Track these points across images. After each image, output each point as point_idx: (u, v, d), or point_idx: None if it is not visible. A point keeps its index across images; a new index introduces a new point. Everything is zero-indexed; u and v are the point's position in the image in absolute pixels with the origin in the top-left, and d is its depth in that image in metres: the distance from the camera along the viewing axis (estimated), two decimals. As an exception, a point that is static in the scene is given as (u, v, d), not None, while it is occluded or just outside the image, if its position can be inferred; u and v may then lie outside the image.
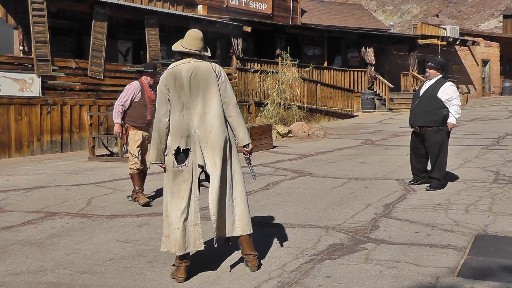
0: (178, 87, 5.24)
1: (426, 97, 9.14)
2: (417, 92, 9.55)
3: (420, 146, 9.31)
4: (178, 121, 5.24)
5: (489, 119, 21.58)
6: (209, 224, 5.70)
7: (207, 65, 5.36)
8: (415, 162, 9.46)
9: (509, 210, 7.41)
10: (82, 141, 17.83)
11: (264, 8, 30.63)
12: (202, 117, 5.24)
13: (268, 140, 15.55)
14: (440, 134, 9.04)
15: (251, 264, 5.42)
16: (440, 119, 9.01)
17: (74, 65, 18.28)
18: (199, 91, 5.24)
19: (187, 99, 5.23)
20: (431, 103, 9.03)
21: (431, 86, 9.19)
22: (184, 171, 5.26)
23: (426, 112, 9.03)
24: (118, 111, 8.81)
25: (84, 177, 11.80)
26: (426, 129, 9.08)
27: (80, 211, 8.42)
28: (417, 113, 9.20)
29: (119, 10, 20.11)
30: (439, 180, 9.02)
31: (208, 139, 5.25)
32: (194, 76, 5.25)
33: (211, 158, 5.26)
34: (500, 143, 14.16)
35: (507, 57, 43.15)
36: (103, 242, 6.62)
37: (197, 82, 5.24)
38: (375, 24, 38.91)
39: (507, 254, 5.58)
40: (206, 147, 5.25)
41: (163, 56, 21.91)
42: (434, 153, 9.09)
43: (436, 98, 9.02)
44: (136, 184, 8.83)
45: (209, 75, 5.30)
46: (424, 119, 9.08)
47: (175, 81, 5.25)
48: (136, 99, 8.81)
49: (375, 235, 6.45)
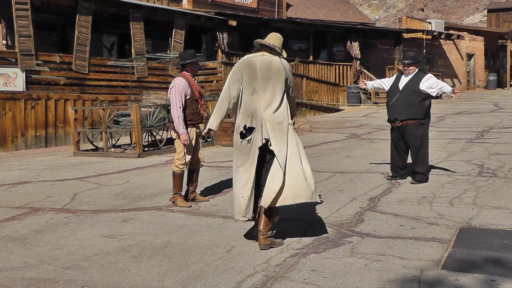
0: (252, 75, 5.96)
1: (408, 91, 9.10)
2: (394, 87, 9.40)
3: (401, 141, 9.26)
4: (247, 103, 5.97)
5: (473, 112, 21.67)
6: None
7: (278, 61, 6.04)
8: (396, 158, 9.37)
9: (493, 203, 7.45)
10: (67, 136, 17.77)
11: (250, 2, 30.59)
12: (269, 103, 5.91)
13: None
14: (422, 128, 9.06)
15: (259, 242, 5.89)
16: (423, 111, 9.03)
17: (58, 60, 18.20)
18: (269, 81, 5.93)
19: (258, 86, 5.93)
20: (414, 96, 9.02)
21: (411, 79, 9.18)
22: (248, 147, 5.91)
23: (410, 105, 9.01)
24: (181, 117, 7.90)
25: (68, 172, 11.74)
26: (408, 122, 9.05)
27: (64, 206, 8.37)
28: (399, 106, 9.13)
29: (104, 4, 20.02)
30: (423, 174, 9.04)
31: (272, 121, 5.88)
32: (267, 69, 5.95)
33: (273, 135, 5.85)
34: (485, 137, 14.22)
35: (492, 51, 43.38)
36: (87, 237, 6.58)
37: (269, 73, 5.94)
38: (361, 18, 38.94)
39: (491, 247, 5.61)
40: (270, 128, 5.86)
41: (148, 50, 21.82)
42: (415, 146, 9.08)
43: (418, 90, 9.03)
44: (176, 185, 8.15)
45: (279, 70, 5.98)
46: (407, 112, 9.04)
47: (250, 69, 5.98)
48: (188, 96, 8.00)
49: (360, 229, 6.46)
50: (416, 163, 9.12)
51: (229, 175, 10.38)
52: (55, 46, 20.38)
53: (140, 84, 20.49)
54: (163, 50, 21.37)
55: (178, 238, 6.37)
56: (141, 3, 22.09)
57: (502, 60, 44.95)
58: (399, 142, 9.30)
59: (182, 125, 7.91)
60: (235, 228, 6.69)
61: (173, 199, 8.18)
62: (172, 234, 6.57)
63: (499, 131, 15.17)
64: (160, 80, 20.66)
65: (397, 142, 9.34)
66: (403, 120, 9.08)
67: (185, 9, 25.01)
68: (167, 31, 22.43)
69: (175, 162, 8.21)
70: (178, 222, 7.15)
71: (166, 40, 22.53)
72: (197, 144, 8.26)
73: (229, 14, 24.09)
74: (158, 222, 7.20)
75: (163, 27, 22.82)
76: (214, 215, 7.46)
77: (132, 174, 11.23)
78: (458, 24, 56.69)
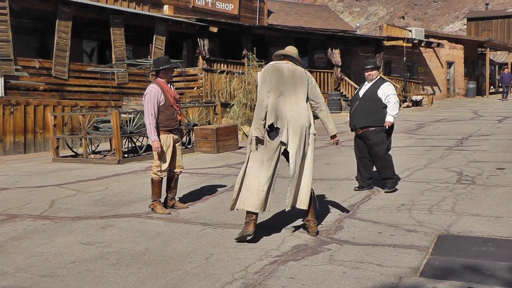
0: (279, 79, 6.45)
1: (367, 98, 9.04)
2: (356, 95, 9.38)
3: (364, 150, 9.17)
4: (275, 104, 6.37)
5: (453, 120, 21.83)
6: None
7: (302, 69, 6.69)
8: (361, 168, 9.25)
9: (471, 210, 7.49)
10: (46, 142, 17.64)
11: (231, 8, 30.64)
12: (294, 106, 6.41)
13: (234, 141, 15.53)
14: (382, 135, 8.98)
15: (311, 230, 6.51)
16: (382, 119, 8.94)
17: (38, 65, 18.09)
18: (295, 87, 6.48)
19: (285, 89, 6.43)
20: (372, 103, 8.96)
21: (371, 87, 9.12)
22: (274, 145, 6.35)
23: (368, 112, 8.94)
24: (152, 125, 7.87)
25: (47, 178, 11.65)
26: (367, 129, 8.97)
27: (42, 213, 8.30)
28: (358, 114, 9.06)
29: (84, 10, 19.94)
30: (392, 177, 8.98)
31: (296, 123, 6.37)
32: (292, 74, 6.53)
33: (293, 139, 6.35)
34: (464, 144, 14.32)
35: (471, 59, 43.78)
36: (65, 245, 6.52)
37: (294, 79, 6.51)
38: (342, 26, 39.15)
39: (469, 254, 5.63)
40: (292, 129, 6.36)
41: (128, 56, 21.76)
42: (378, 153, 9.00)
43: (376, 97, 8.96)
44: (155, 192, 8.08)
45: (303, 77, 6.59)
46: (365, 119, 8.96)
47: (278, 73, 6.48)
48: (161, 102, 7.93)
49: (339, 236, 6.46)
50: (382, 170, 9.04)
51: (208, 181, 10.38)
52: (35, 51, 20.23)
53: (121, 90, 20.42)
54: (143, 56, 21.32)
55: (156, 246, 6.33)
56: (121, 9, 22.03)
57: (481, 68, 45.38)
58: (363, 151, 9.20)
59: (154, 132, 7.88)
60: (214, 236, 6.66)
61: (152, 206, 8.12)
62: (150, 241, 6.53)
63: (478, 139, 15.28)
64: (140, 86, 20.58)
65: (360, 150, 9.24)
66: (363, 127, 9.01)
67: (166, 15, 24.97)
68: (148, 37, 22.40)
69: (153, 169, 8.17)
70: (157, 229, 7.12)
71: (147, 46, 22.48)
72: (175, 150, 8.21)
73: (210, 21, 24.08)
74: (137, 229, 7.16)
75: (143, 33, 22.78)
76: (193, 222, 7.43)
77: (112, 180, 11.16)
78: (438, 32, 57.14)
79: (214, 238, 6.55)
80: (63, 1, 18.73)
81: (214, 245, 6.27)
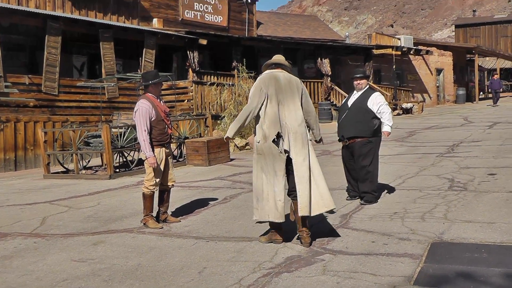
0: (277, 87, 6.57)
1: (356, 108, 8.88)
2: (344, 104, 9.25)
3: (351, 160, 9.00)
4: (274, 113, 6.52)
5: (444, 127, 21.88)
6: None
7: (296, 77, 6.86)
8: (350, 178, 9.11)
9: (464, 216, 7.49)
10: (37, 158, 17.57)
11: (220, 20, 30.73)
12: (292, 113, 6.56)
13: (225, 153, 15.50)
14: (370, 146, 8.82)
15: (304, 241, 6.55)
16: (371, 129, 8.80)
17: (27, 81, 18.04)
18: (292, 94, 6.63)
19: (283, 97, 6.57)
20: (361, 113, 8.81)
21: (360, 96, 8.99)
22: (282, 154, 6.51)
23: (357, 122, 8.77)
24: (146, 141, 7.78)
25: (38, 195, 11.59)
26: (356, 140, 8.81)
27: (33, 230, 8.24)
28: (346, 124, 8.90)
29: (73, 25, 19.93)
30: (372, 193, 8.80)
31: (296, 130, 6.53)
32: (289, 83, 6.67)
33: (294, 146, 6.51)
34: (455, 151, 14.34)
35: (460, 65, 43.97)
36: (57, 262, 6.48)
37: (291, 87, 6.66)
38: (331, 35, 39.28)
39: (462, 261, 5.63)
40: (293, 136, 6.51)
41: (118, 70, 21.74)
42: (363, 165, 8.82)
43: (366, 108, 8.81)
44: (147, 207, 8.03)
45: (298, 85, 6.77)
46: (354, 130, 8.79)
47: (276, 82, 6.61)
48: (152, 117, 7.88)
49: (332, 246, 6.44)
50: (364, 182, 8.83)
51: (200, 194, 10.35)
52: (24, 67, 20.21)
53: (111, 105, 20.38)
54: (133, 69, 21.31)
55: (149, 261, 6.30)
56: (111, 23, 22.04)
57: (471, 74, 45.59)
58: (350, 161, 9.06)
59: (149, 148, 7.82)
60: (206, 249, 6.63)
61: (144, 221, 8.08)
62: (143, 256, 6.50)
63: (469, 145, 15.31)
64: (131, 100, 20.53)
65: (348, 161, 9.09)
66: (351, 138, 8.85)
67: (155, 28, 25.00)
68: (138, 51, 22.39)
69: (144, 183, 8.12)
70: (149, 244, 7.08)
71: (137, 60, 22.48)
72: (167, 164, 8.18)
73: (199, 33, 24.10)
74: (129, 244, 7.12)
75: (133, 46, 22.77)
76: (186, 236, 7.39)
77: (103, 196, 11.11)
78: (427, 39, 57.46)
79: (207, 252, 6.52)
80: (52, 17, 18.73)
81: (207, 258, 6.24)
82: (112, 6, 25.62)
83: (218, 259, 6.15)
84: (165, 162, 8.11)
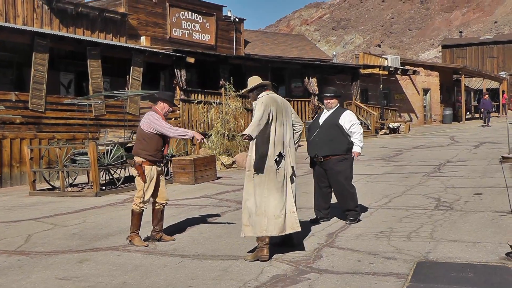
0: (279, 109, 7.02)
1: (328, 126, 8.83)
2: (315, 122, 9.19)
3: (324, 178, 8.90)
4: (279, 133, 6.95)
5: (430, 146, 21.97)
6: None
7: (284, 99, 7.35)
8: (320, 198, 8.97)
9: (449, 236, 7.50)
10: (23, 175, 17.47)
11: (208, 39, 30.83)
12: (288, 132, 7.09)
13: (212, 171, 15.48)
14: (345, 163, 8.77)
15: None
16: (345, 147, 8.75)
17: (14, 98, 17.97)
18: (287, 114, 7.14)
19: (283, 118, 7.06)
20: (334, 131, 8.76)
21: (331, 114, 8.93)
22: (281, 171, 6.88)
23: (331, 140, 8.72)
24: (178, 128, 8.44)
25: (23, 212, 11.51)
26: (330, 158, 8.73)
27: (18, 248, 8.18)
28: (319, 142, 8.81)
29: (61, 42, 19.92)
30: (355, 209, 8.74)
31: (291, 147, 7.10)
32: (283, 103, 7.18)
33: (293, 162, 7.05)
34: (442, 170, 14.39)
35: (447, 85, 44.29)
36: (41, 280, 6.42)
37: (285, 107, 7.17)
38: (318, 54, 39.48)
39: (447, 280, 5.63)
40: (290, 153, 7.05)
41: (105, 88, 21.72)
42: (340, 183, 8.75)
43: (339, 125, 8.75)
44: (134, 224, 7.97)
45: (288, 105, 7.31)
46: (328, 147, 8.72)
47: (276, 104, 7.03)
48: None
49: (318, 265, 6.43)
50: (344, 200, 8.79)
51: (187, 213, 10.32)
52: (11, 84, 20.14)
53: (98, 122, 20.33)
54: (121, 87, 21.28)
55: (134, 279, 6.26)
56: (98, 41, 22.04)
57: (457, 94, 45.90)
58: (322, 179, 8.94)
59: (185, 130, 8.36)
60: (192, 267, 6.60)
61: (130, 238, 8.02)
62: (128, 274, 6.46)
63: (455, 165, 15.37)
64: (118, 117, 20.52)
65: (320, 178, 8.95)
66: (325, 156, 8.75)
67: (143, 46, 25.04)
68: (125, 69, 22.37)
69: (135, 200, 8.08)
70: (134, 262, 7.04)
71: (124, 78, 22.46)
72: (158, 182, 8.15)
73: (187, 51, 24.16)
74: (114, 262, 7.08)
75: (121, 64, 22.76)
76: (171, 254, 7.36)
77: (89, 213, 11.05)
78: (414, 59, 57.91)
79: (192, 270, 6.48)
80: (40, 34, 18.72)
81: (192, 277, 6.21)
82: (99, 24, 25.67)
83: (203, 278, 6.13)
84: (156, 179, 8.08)
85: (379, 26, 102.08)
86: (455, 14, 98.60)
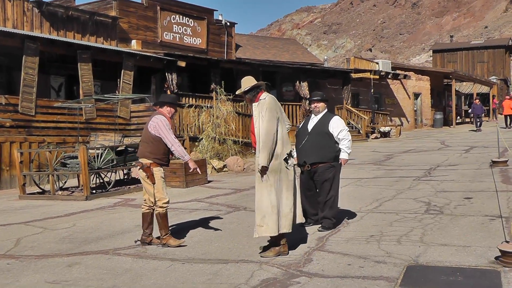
0: (280, 110, 7.23)
1: (318, 133, 8.75)
2: (303, 129, 9.04)
3: (311, 186, 8.85)
4: (284, 133, 7.17)
5: (421, 150, 22.04)
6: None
7: None
8: (307, 205, 8.77)
9: (439, 240, 7.52)
10: (13, 179, 17.37)
11: (199, 43, 30.81)
12: (285, 131, 7.24)
13: (203, 175, 15.45)
14: (332, 171, 8.70)
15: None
16: (333, 154, 8.70)
17: (4, 101, 17.88)
18: (282, 115, 7.26)
19: (284, 119, 7.27)
20: (323, 138, 8.70)
21: (319, 121, 8.84)
22: (291, 170, 7.16)
23: (320, 147, 8.65)
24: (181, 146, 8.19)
25: (13, 216, 11.46)
26: (318, 165, 8.66)
27: (7, 252, 8.14)
28: (308, 149, 8.71)
29: (51, 45, 19.83)
30: (331, 219, 8.65)
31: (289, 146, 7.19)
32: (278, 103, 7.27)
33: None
34: (432, 174, 14.43)
35: (437, 90, 44.45)
36: (30, 284, 6.39)
37: (281, 108, 7.30)
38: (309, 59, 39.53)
39: (437, 284, 5.64)
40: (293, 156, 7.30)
41: (96, 91, 21.65)
42: (325, 190, 8.68)
43: (328, 132, 8.70)
44: (165, 226, 7.99)
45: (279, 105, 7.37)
46: (317, 155, 8.65)
47: (278, 105, 7.21)
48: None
49: (308, 269, 6.43)
50: (324, 207, 8.68)
51: (177, 216, 10.30)
52: (1, 87, 20.06)
53: (89, 126, 20.26)
54: (112, 91, 21.24)
55: (124, 283, 6.24)
56: (89, 44, 21.98)
57: (448, 99, 46.07)
58: (309, 187, 8.86)
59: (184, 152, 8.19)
60: (182, 271, 6.59)
61: (164, 240, 7.96)
62: (118, 278, 6.44)
63: (445, 169, 15.42)
64: (108, 121, 20.46)
65: (307, 183, 8.85)
66: (313, 163, 8.69)
67: (134, 50, 24.99)
68: (116, 72, 22.31)
69: (157, 203, 8.00)
70: (124, 265, 7.02)
71: (115, 81, 22.41)
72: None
73: (178, 55, 24.12)
74: (104, 266, 7.05)
75: (111, 68, 22.70)
76: (162, 258, 7.34)
77: (79, 217, 11.02)
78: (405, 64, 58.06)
79: (182, 274, 6.47)
80: (30, 37, 18.65)
81: (182, 281, 6.19)
82: (90, 27, 25.61)
83: (193, 282, 6.11)
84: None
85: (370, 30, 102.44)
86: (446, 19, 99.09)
